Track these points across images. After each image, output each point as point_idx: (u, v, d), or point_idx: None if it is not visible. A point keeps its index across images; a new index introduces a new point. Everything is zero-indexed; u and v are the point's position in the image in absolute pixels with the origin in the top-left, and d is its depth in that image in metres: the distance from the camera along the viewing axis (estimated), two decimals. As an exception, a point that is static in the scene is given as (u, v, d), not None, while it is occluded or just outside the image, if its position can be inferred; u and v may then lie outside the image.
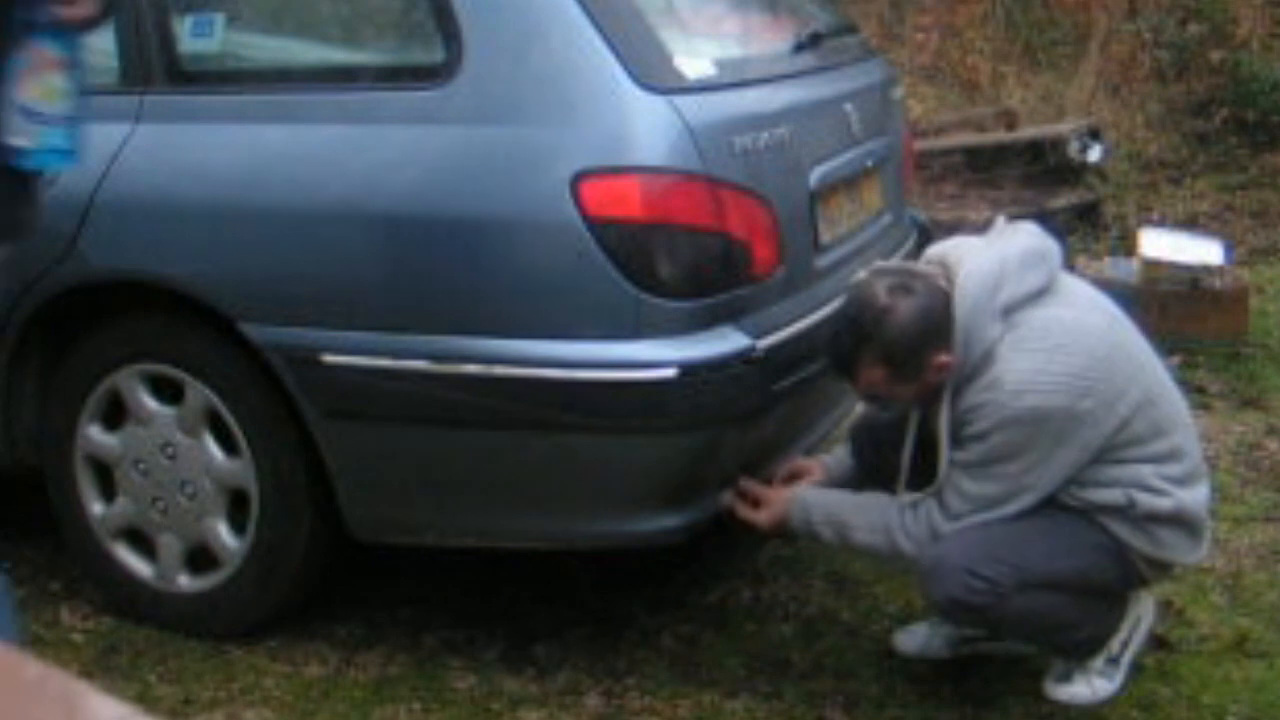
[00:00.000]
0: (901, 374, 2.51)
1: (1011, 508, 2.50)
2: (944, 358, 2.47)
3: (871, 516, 2.62)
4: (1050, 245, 2.60)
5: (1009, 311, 2.48)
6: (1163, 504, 2.52)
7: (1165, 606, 3.01)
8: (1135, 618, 2.70)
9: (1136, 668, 2.74)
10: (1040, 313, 2.51)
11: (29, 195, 2.21)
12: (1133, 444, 2.51)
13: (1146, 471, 2.52)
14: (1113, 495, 2.51)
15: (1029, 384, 2.43)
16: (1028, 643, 2.72)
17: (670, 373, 2.50)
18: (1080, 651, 2.67)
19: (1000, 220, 2.71)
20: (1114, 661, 2.68)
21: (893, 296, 2.48)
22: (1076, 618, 2.58)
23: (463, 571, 3.16)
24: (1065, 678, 2.68)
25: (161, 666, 2.85)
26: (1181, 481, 2.56)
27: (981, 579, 2.45)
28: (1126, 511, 2.52)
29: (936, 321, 2.46)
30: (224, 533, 2.87)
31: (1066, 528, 2.54)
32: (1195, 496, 2.59)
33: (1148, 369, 2.58)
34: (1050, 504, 2.53)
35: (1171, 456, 2.55)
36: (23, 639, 2.56)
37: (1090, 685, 2.67)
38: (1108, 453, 2.50)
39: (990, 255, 2.53)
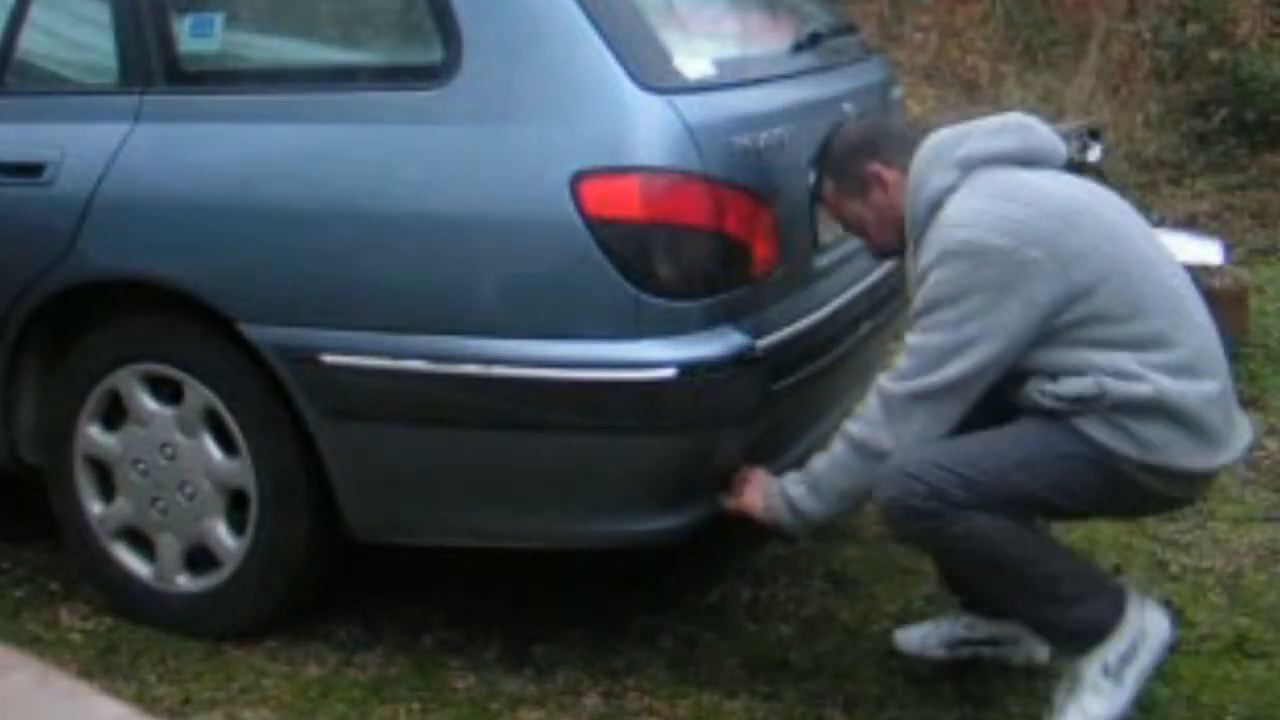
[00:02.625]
0: (843, 186, 2.65)
1: (957, 365, 2.36)
2: (878, 167, 2.58)
3: (830, 445, 2.52)
4: (1036, 126, 2.55)
5: (969, 167, 2.47)
6: (1138, 390, 2.32)
7: (1165, 606, 3.01)
8: (1138, 628, 2.47)
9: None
10: (1004, 172, 2.46)
11: None
12: (1103, 320, 2.35)
13: (1123, 357, 2.34)
14: (1084, 385, 2.34)
15: (968, 221, 2.39)
16: (994, 597, 2.55)
17: (669, 373, 2.50)
18: (1063, 633, 2.49)
19: None
20: (1111, 676, 2.44)
21: (852, 120, 2.68)
22: (1045, 563, 2.41)
23: (463, 571, 3.16)
24: (1061, 711, 2.49)
25: (160, 666, 2.85)
26: (1170, 370, 2.35)
27: (923, 483, 2.35)
28: (1099, 403, 2.34)
29: (877, 137, 2.64)
30: (223, 533, 2.87)
31: (1034, 436, 2.40)
32: (1189, 388, 2.36)
33: (1128, 246, 2.43)
34: (1022, 413, 2.42)
35: (1156, 342, 2.37)
36: None
37: (1083, 711, 2.44)
38: (1074, 329, 2.35)
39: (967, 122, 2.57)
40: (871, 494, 2.47)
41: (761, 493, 2.63)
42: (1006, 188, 2.43)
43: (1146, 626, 2.48)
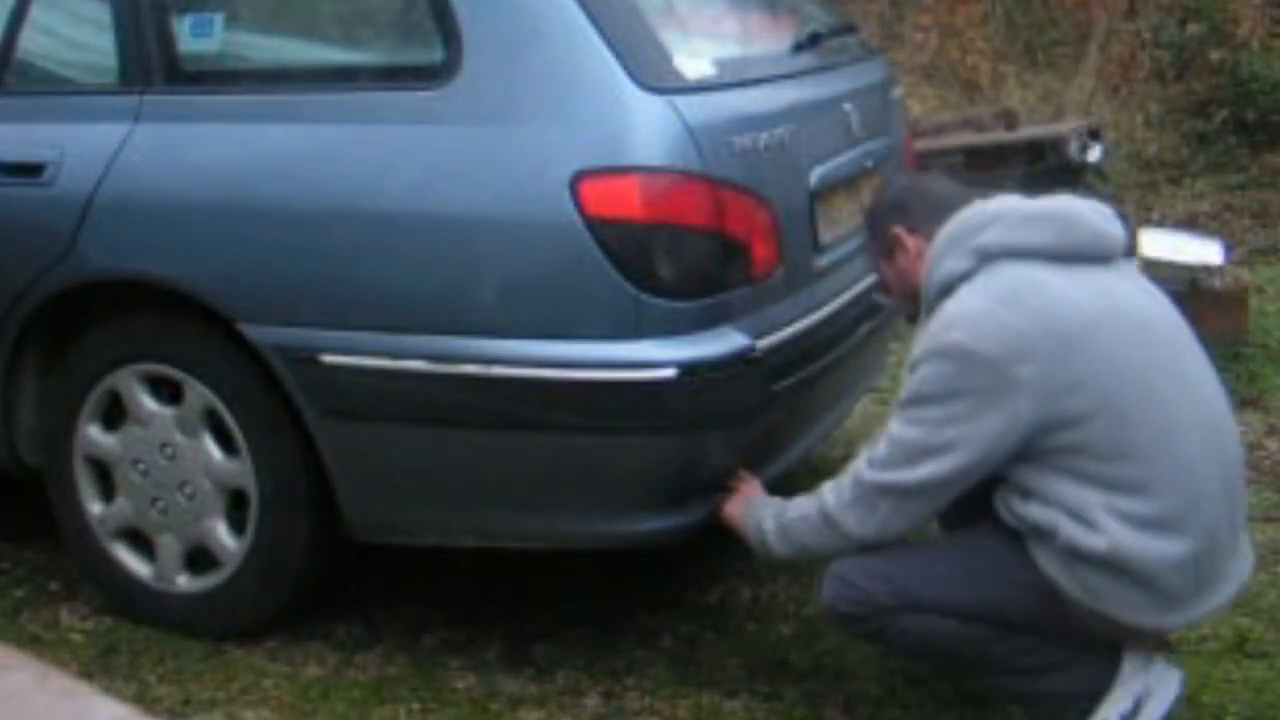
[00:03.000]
0: (874, 243, 2.60)
1: (929, 467, 2.27)
2: (900, 231, 2.51)
3: (806, 499, 2.50)
4: (1084, 219, 2.36)
5: (988, 256, 2.32)
6: (1092, 542, 2.23)
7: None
8: (1142, 685, 2.38)
9: None
10: (1023, 269, 2.30)
11: None
12: (1086, 455, 2.24)
13: (1093, 498, 2.23)
14: (1046, 516, 2.26)
15: (963, 321, 2.27)
16: (978, 684, 2.53)
17: (669, 373, 2.50)
18: (1058, 700, 2.41)
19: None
20: None
21: (901, 177, 2.64)
22: (1010, 638, 2.35)
23: (463, 571, 3.16)
24: None
25: (161, 666, 2.85)
26: (1137, 523, 2.23)
27: (855, 589, 2.37)
28: (1053, 540, 2.26)
29: (910, 201, 2.54)
30: (223, 533, 2.87)
31: (984, 554, 2.37)
32: (1152, 546, 2.23)
33: (1135, 380, 2.26)
34: (983, 524, 2.38)
35: (1133, 489, 2.24)
36: None
37: None
38: (1056, 456, 2.25)
39: (1002, 200, 2.43)
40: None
41: (743, 509, 2.63)
42: (1017, 289, 2.28)
43: (1151, 684, 2.41)
